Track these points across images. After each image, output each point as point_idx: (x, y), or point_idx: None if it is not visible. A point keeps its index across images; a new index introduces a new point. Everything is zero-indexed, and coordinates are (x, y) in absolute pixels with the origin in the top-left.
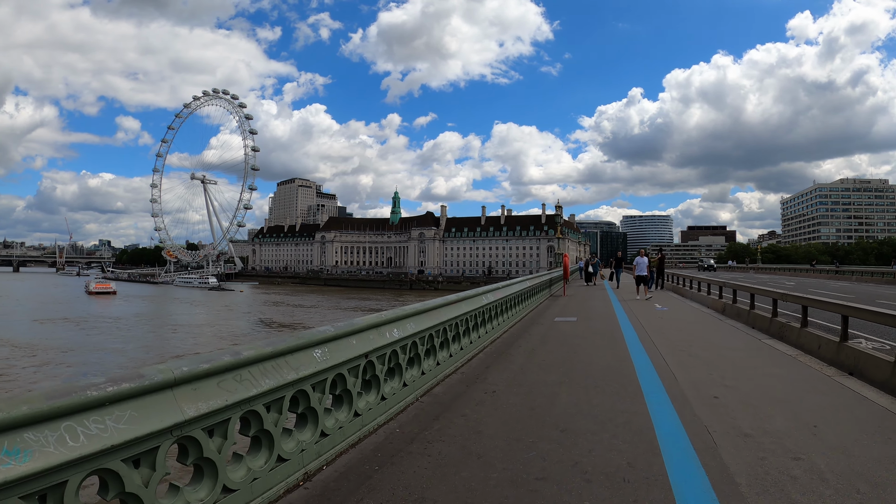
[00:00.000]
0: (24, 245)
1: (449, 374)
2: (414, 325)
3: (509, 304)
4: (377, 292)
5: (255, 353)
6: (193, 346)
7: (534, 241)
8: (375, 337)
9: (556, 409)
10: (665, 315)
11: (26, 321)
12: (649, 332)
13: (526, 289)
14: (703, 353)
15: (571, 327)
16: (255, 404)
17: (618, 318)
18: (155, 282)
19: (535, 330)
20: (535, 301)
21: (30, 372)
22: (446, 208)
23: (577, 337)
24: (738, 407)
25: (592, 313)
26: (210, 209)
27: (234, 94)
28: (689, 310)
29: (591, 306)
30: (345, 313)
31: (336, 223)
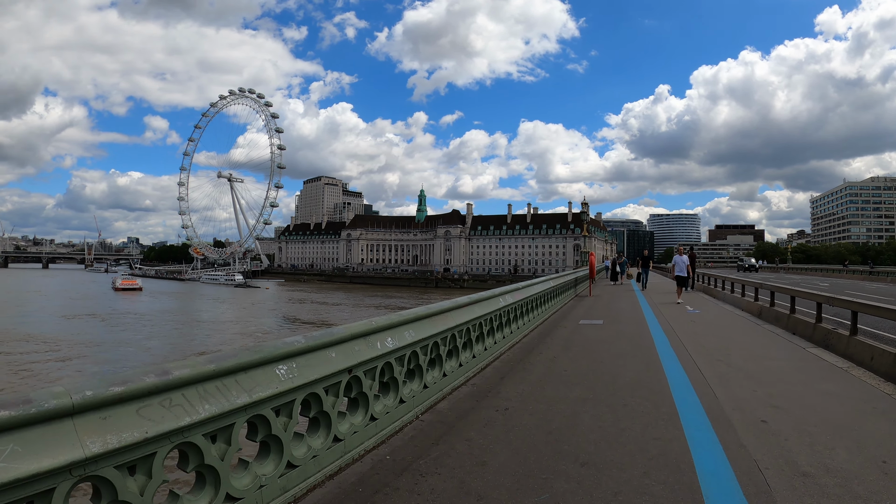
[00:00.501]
0: (53, 242)
1: (458, 387)
2: (414, 332)
3: (531, 305)
4: (402, 290)
5: (191, 373)
6: (217, 343)
7: (560, 239)
8: (362, 348)
9: (577, 434)
10: (697, 318)
11: (53, 316)
12: (681, 337)
13: (549, 289)
14: (744, 364)
15: (597, 331)
16: (191, 435)
17: (647, 321)
18: (182, 279)
19: (557, 334)
20: (559, 302)
21: (52, 367)
22: (472, 206)
23: (602, 343)
24: (792, 435)
25: (619, 315)
26: (237, 207)
27: (260, 94)
28: (722, 313)
29: (618, 308)
30: (367, 311)
31: (362, 221)
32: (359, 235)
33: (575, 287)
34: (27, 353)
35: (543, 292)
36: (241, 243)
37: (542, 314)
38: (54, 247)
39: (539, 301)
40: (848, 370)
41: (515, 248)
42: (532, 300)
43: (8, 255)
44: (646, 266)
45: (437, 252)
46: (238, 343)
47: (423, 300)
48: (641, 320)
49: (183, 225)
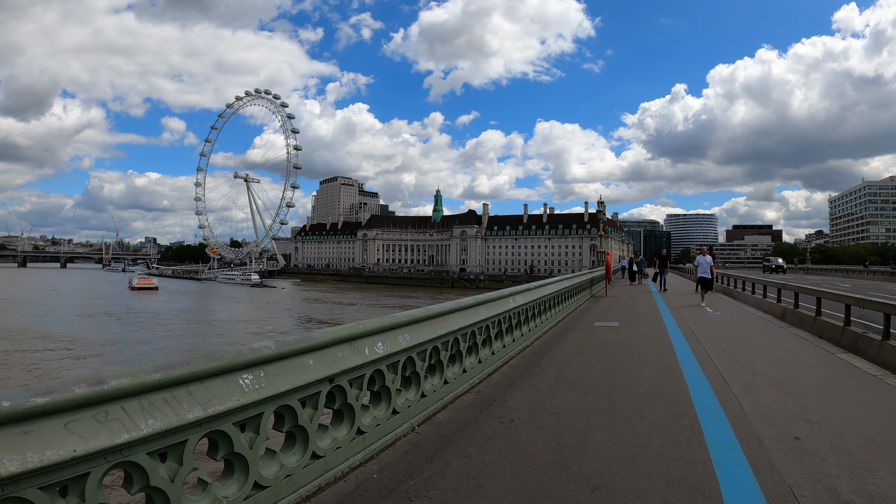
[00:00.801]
0: (71, 242)
1: (461, 395)
2: (410, 336)
3: (544, 306)
4: (418, 290)
5: (132, 383)
6: (231, 342)
7: (576, 239)
8: (347, 354)
9: (589, 452)
10: (718, 321)
11: (69, 315)
12: (702, 340)
13: (563, 289)
14: (770, 371)
15: (613, 334)
16: (132, 453)
17: (665, 323)
18: (198, 278)
19: (571, 336)
20: (574, 302)
21: (66, 364)
22: (488, 206)
23: (618, 346)
24: (828, 454)
25: (636, 317)
26: (253, 207)
27: (276, 94)
28: (743, 315)
29: (635, 309)
30: (382, 311)
31: (378, 221)
32: (375, 235)
33: (591, 287)
34: (41, 352)
35: (557, 293)
36: (258, 243)
37: (556, 315)
38: (72, 246)
39: (553, 302)
40: (883, 378)
41: (531, 249)
42: (545, 301)
43: (27, 255)
44: (663, 266)
45: (454, 252)
46: (250, 342)
47: (438, 300)
48: (659, 323)
49: (200, 225)
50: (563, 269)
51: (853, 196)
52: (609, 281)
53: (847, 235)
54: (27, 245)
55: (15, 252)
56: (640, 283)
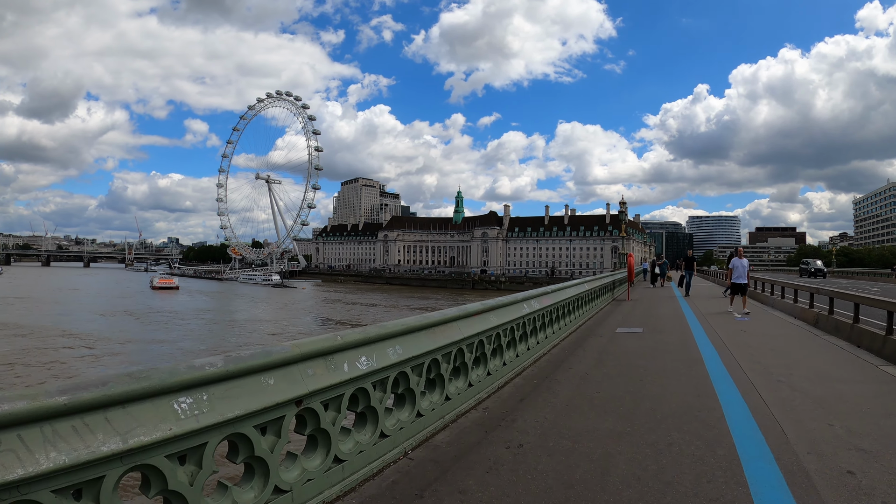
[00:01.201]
0: (94, 242)
1: (465, 412)
2: (402, 348)
3: (562, 311)
4: (438, 291)
5: (29, 407)
6: (248, 342)
7: (598, 241)
8: (319, 371)
9: (608, 490)
10: (747, 328)
11: (90, 314)
12: (732, 350)
13: (583, 293)
14: (810, 387)
15: (636, 342)
16: (32, 492)
17: (691, 330)
18: (220, 278)
19: (591, 344)
20: (595, 306)
21: (85, 362)
22: (510, 208)
23: (642, 356)
24: (890, 496)
25: (661, 323)
26: (274, 208)
27: (297, 96)
28: (773, 321)
29: (659, 314)
30: (401, 312)
31: (399, 222)
32: (396, 237)
33: (612, 290)
34: (58, 350)
35: (577, 297)
36: (279, 244)
37: (576, 320)
38: (96, 246)
39: (572, 306)
40: None
41: (553, 250)
42: (563, 305)
43: (50, 255)
44: (689, 269)
45: (474, 254)
46: (268, 342)
47: (459, 301)
48: (685, 329)
49: (221, 226)
50: (584, 271)
51: (879, 197)
52: (631, 284)
53: (872, 238)
54: (51, 245)
55: (39, 251)
56: (663, 286)
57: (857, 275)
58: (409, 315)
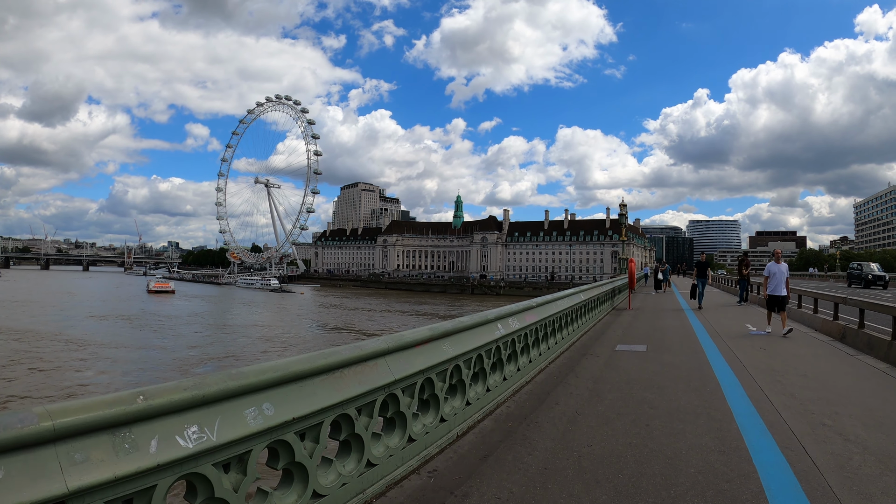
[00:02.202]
0: (94, 245)
1: (401, 479)
2: (274, 407)
3: (551, 328)
4: (437, 296)
5: None
6: (239, 348)
7: (598, 246)
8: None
9: None
10: (767, 344)
11: (84, 318)
12: (756, 377)
13: (578, 304)
14: (868, 436)
15: (639, 364)
16: None
17: (703, 347)
18: (218, 283)
19: (585, 367)
20: (592, 318)
21: (73, 365)
22: (509, 212)
23: (648, 386)
24: None
25: (667, 339)
26: (273, 212)
27: (297, 100)
28: (794, 335)
29: (664, 326)
30: (397, 317)
31: (398, 227)
32: (395, 241)
33: (612, 298)
34: (47, 353)
35: (570, 309)
36: (278, 248)
37: (569, 336)
38: (95, 250)
39: (564, 321)
40: None
41: (552, 255)
42: (553, 321)
43: (50, 258)
44: (702, 276)
45: (474, 258)
46: (259, 348)
47: (456, 307)
48: (695, 346)
49: (221, 230)
50: (584, 276)
51: (880, 201)
52: (632, 291)
53: (873, 241)
54: (50, 248)
55: (38, 255)
56: (665, 292)
57: None
58: (402, 319)
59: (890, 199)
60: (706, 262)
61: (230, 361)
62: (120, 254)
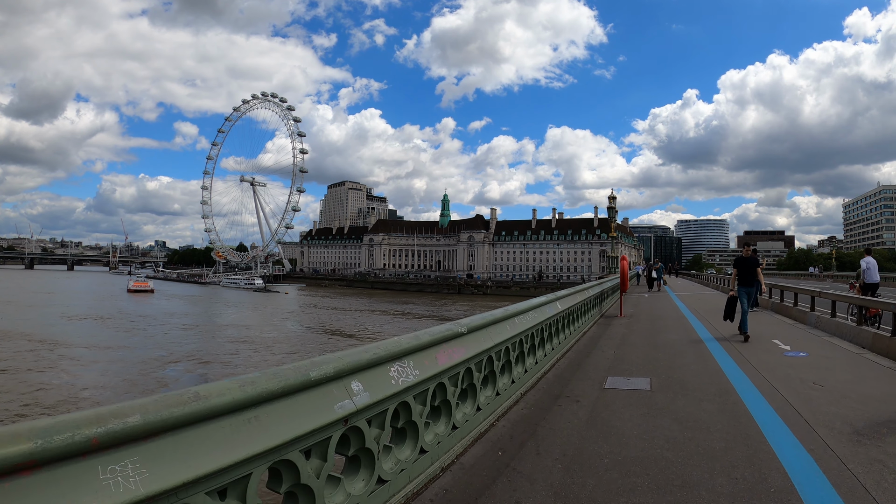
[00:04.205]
0: (80, 245)
1: None
2: None
3: (505, 360)
4: (423, 296)
5: None
6: (202, 349)
7: (586, 245)
8: None
9: None
10: (819, 376)
11: (57, 317)
12: (827, 438)
13: (552, 318)
14: None
15: (643, 422)
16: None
17: (728, 377)
18: (202, 282)
19: (555, 429)
20: (574, 332)
21: (37, 366)
22: (497, 211)
23: (667, 487)
24: None
25: (676, 364)
26: (259, 211)
27: (283, 98)
28: (836, 353)
29: (669, 342)
30: (378, 317)
31: (384, 226)
32: (381, 240)
33: (601, 304)
34: (14, 353)
35: (538, 328)
36: (264, 247)
37: (538, 366)
38: (81, 249)
39: (528, 346)
40: None
41: (540, 255)
42: (509, 349)
43: (34, 257)
44: (749, 283)
45: (461, 258)
46: (222, 350)
47: (438, 306)
48: (719, 378)
49: (206, 228)
50: (571, 275)
51: (868, 201)
52: (624, 294)
53: (862, 241)
54: (35, 248)
55: (22, 254)
56: (660, 291)
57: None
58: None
59: (878, 199)
60: (754, 260)
61: (193, 364)
62: (105, 253)
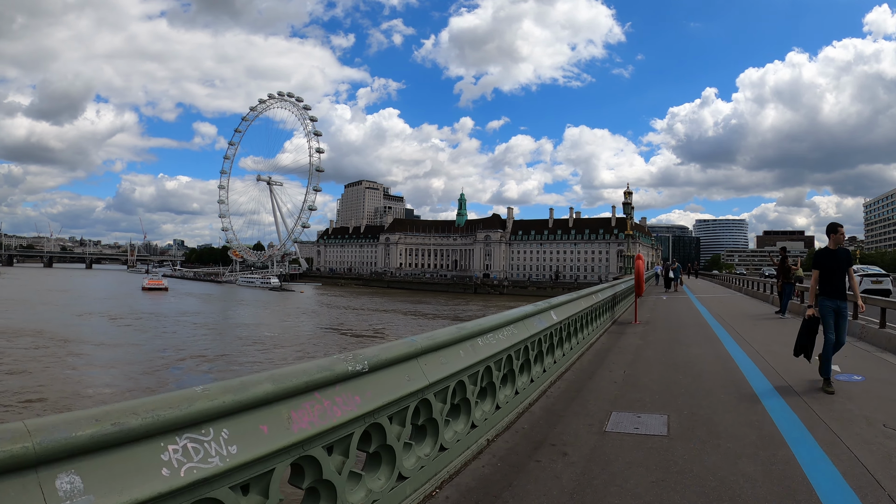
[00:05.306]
0: (99, 244)
1: None
2: None
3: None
4: (438, 296)
5: None
6: (209, 347)
7: (603, 244)
8: None
9: None
10: (876, 403)
11: (69, 315)
12: None
13: (546, 330)
14: None
15: (652, 495)
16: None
17: (773, 418)
18: (219, 281)
19: (530, 491)
20: (576, 346)
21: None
22: (513, 210)
23: None
24: None
25: (701, 391)
26: (276, 210)
27: (299, 97)
28: (894, 375)
29: (691, 359)
30: (393, 316)
31: (401, 225)
32: (397, 240)
33: (612, 308)
34: (22, 349)
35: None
36: (280, 246)
37: (519, 397)
38: (100, 248)
39: (506, 372)
40: None
41: (557, 254)
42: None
43: (53, 256)
44: (838, 294)
45: (477, 257)
46: (229, 349)
47: (452, 305)
48: (758, 416)
49: (223, 227)
50: (588, 275)
51: (889, 201)
52: (640, 297)
53: (883, 241)
54: (55, 246)
55: (42, 253)
56: (676, 291)
57: None
58: None
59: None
60: (845, 255)
61: (197, 362)
62: (124, 252)
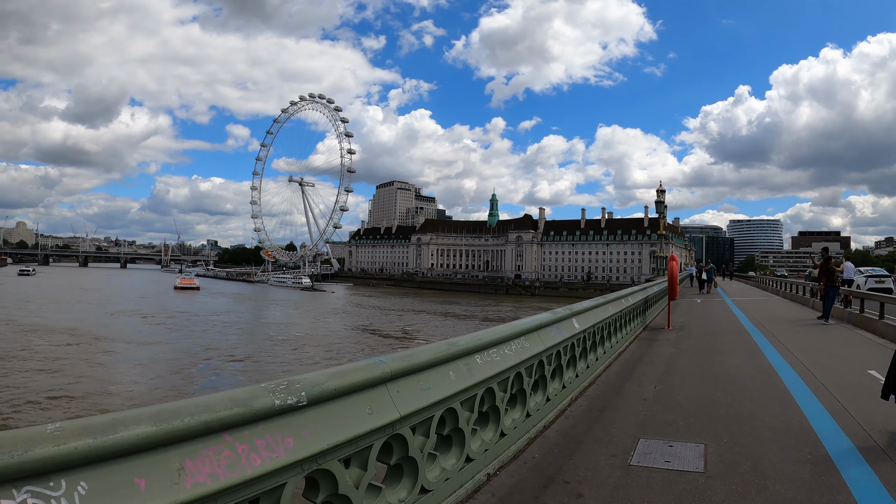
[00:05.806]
0: (133, 244)
1: None
2: None
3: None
4: (470, 296)
5: None
6: (237, 346)
7: (636, 245)
8: None
9: None
10: None
11: (102, 313)
12: None
13: (565, 342)
14: None
15: None
16: None
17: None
18: (251, 281)
19: None
20: (601, 356)
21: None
22: (545, 211)
23: None
24: None
25: (743, 412)
26: (307, 211)
27: (330, 99)
28: None
29: (731, 373)
30: (422, 317)
31: (432, 225)
32: (429, 240)
33: (644, 313)
34: (57, 346)
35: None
36: (312, 247)
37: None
38: (134, 248)
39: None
40: None
41: (589, 255)
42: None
43: (88, 255)
44: None
45: (509, 258)
46: (254, 349)
47: (483, 306)
48: (809, 442)
49: (255, 228)
50: (621, 276)
51: None
52: (673, 300)
53: None
54: (90, 246)
55: (77, 252)
56: (710, 292)
57: None
58: None
59: None
60: None
61: (225, 360)
62: (158, 252)
